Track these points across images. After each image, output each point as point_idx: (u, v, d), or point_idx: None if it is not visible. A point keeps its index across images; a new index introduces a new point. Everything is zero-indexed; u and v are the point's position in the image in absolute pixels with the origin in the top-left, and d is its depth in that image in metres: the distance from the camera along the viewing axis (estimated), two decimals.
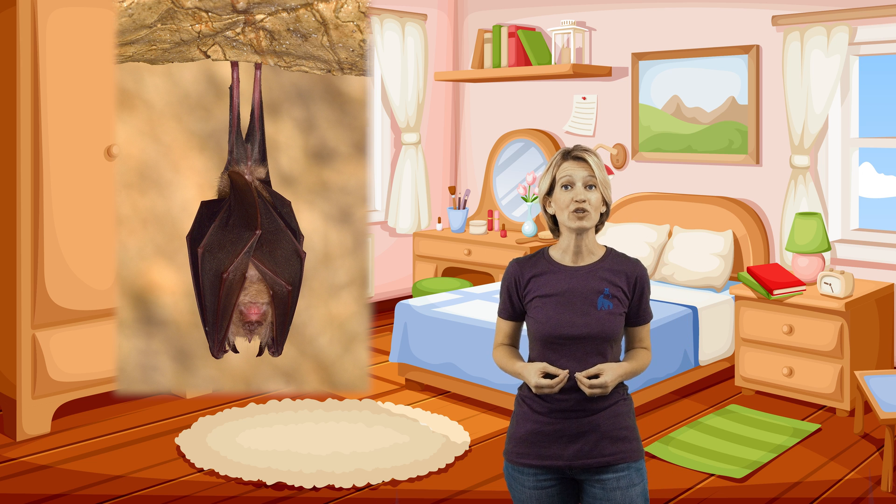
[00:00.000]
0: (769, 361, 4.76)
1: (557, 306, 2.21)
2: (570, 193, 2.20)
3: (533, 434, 2.22)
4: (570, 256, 2.26)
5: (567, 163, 2.23)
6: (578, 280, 2.23)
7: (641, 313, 2.28)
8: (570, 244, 2.26)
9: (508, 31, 6.51)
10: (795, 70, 5.19)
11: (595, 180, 2.21)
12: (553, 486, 2.22)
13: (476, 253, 6.30)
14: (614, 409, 2.21)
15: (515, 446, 2.24)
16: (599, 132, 6.37)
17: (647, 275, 2.28)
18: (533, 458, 2.21)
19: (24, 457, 4.02)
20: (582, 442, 2.18)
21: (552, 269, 2.26)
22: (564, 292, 2.22)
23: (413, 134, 6.91)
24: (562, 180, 2.21)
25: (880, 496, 3.59)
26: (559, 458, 2.19)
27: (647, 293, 2.28)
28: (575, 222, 2.20)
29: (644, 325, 2.30)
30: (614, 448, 2.19)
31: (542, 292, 2.23)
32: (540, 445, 2.21)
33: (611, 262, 2.26)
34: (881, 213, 5.22)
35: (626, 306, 2.24)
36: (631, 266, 2.26)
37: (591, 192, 2.20)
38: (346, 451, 4.01)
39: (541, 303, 2.22)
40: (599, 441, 2.19)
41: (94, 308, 4.37)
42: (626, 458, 2.19)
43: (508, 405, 4.51)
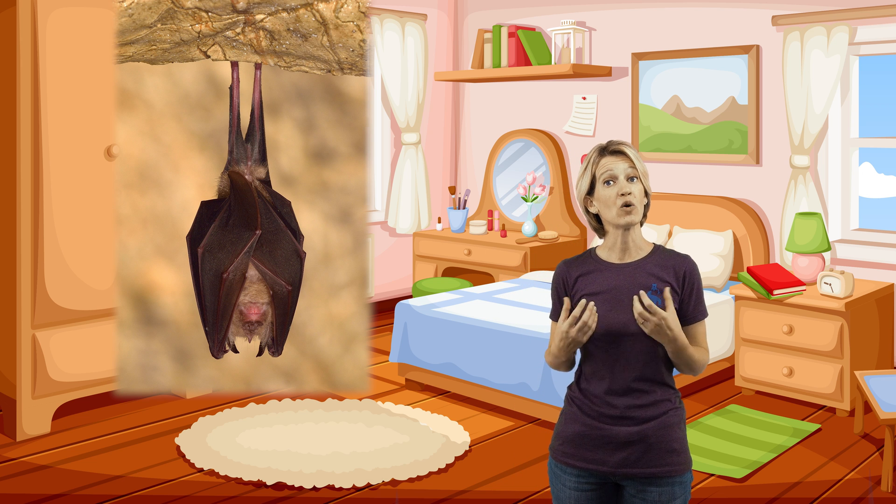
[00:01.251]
0: (769, 361, 4.76)
1: (604, 304, 2.16)
2: (614, 188, 2.15)
3: (579, 436, 2.18)
4: (617, 253, 2.21)
5: (605, 158, 2.18)
6: (625, 277, 2.18)
7: (693, 310, 2.19)
8: (616, 241, 2.21)
9: (508, 31, 6.51)
10: (795, 70, 5.19)
11: (636, 171, 2.16)
12: (594, 490, 2.18)
13: (476, 253, 6.30)
14: (664, 419, 2.15)
15: (562, 444, 2.21)
16: (599, 132, 6.37)
17: (698, 270, 2.21)
18: (577, 459, 2.17)
19: (24, 457, 4.02)
20: (629, 450, 2.13)
21: (599, 268, 2.21)
22: (611, 289, 2.17)
23: (413, 134, 6.91)
24: (603, 176, 2.16)
25: (880, 496, 3.59)
26: (604, 464, 2.15)
27: (698, 288, 2.19)
28: (623, 217, 2.15)
29: (698, 322, 2.21)
30: (662, 460, 2.13)
31: (589, 290, 2.19)
32: (585, 448, 2.17)
33: (658, 258, 2.20)
34: (881, 213, 5.22)
35: (677, 302, 2.17)
36: (679, 261, 2.20)
37: (633, 185, 2.16)
38: (346, 451, 4.01)
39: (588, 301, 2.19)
40: (647, 452, 2.13)
41: (94, 308, 4.37)
42: (673, 472, 2.14)
43: (508, 405, 4.51)
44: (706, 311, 2.24)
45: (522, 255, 6.03)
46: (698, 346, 2.23)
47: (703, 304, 2.22)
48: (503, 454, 4.06)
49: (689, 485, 2.18)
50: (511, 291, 5.33)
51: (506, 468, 3.90)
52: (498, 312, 4.76)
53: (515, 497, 3.62)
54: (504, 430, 4.36)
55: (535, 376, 4.33)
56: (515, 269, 6.07)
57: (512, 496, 3.62)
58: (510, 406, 4.51)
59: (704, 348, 2.23)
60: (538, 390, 4.31)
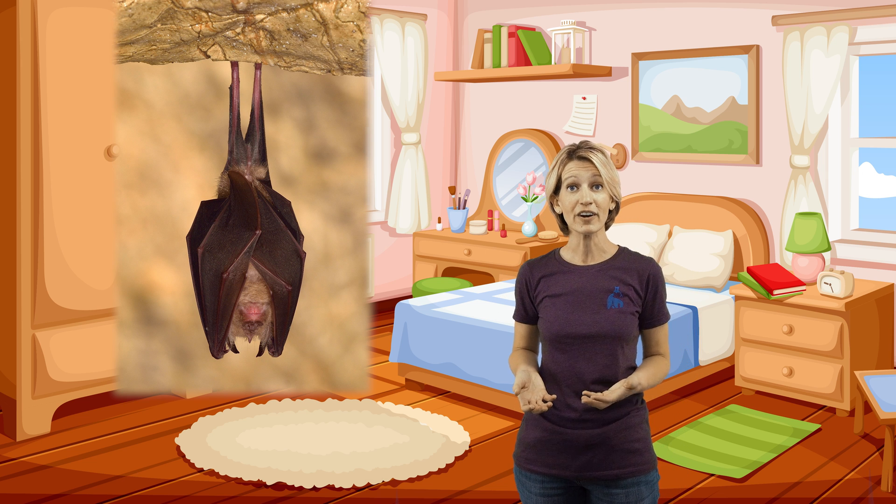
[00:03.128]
0: (769, 361, 4.76)
1: (566, 305, 2.14)
2: (575, 195, 2.13)
3: (541, 442, 2.16)
4: (581, 256, 2.20)
5: (572, 162, 2.14)
6: (588, 279, 2.16)
7: (656, 313, 2.18)
8: (579, 244, 2.19)
9: (508, 31, 6.51)
10: (795, 70, 5.19)
11: (601, 179, 2.12)
12: (560, 495, 2.17)
13: (476, 253, 6.30)
14: (626, 420, 2.13)
15: (524, 451, 2.19)
16: (599, 132, 6.37)
17: (662, 273, 2.19)
18: (540, 465, 2.16)
19: (24, 457, 4.02)
20: (591, 454, 2.11)
21: (562, 269, 2.20)
22: (573, 291, 2.15)
23: (413, 134, 6.91)
24: (567, 181, 2.14)
25: (880, 496, 3.59)
26: (567, 469, 2.13)
27: (661, 292, 2.18)
28: (581, 226, 2.13)
29: (660, 326, 2.20)
30: (624, 461, 2.11)
31: (552, 292, 2.18)
32: (547, 454, 2.15)
33: (622, 261, 2.19)
34: (881, 213, 5.22)
35: (640, 305, 2.16)
36: (644, 264, 2.18)
37: (597, 193, 2.12)
38: (346, 451, 4.01)
39: (550, 303, 2.16)
40: (609, 454, 2.11)
41: (94, 308, 4.37)
42: (637, 472, 2.12)
43: (508, 405, 4.51)
44: (668, 314, 2.22)
45: (522, 255, 6.03)
46: (658, 351, 2.21)
47: (665, 307, 2.20)
48: (503, 454, 4.06)
49: (657, 484, 2.16)
50: (511, 291, 5.33)
51: (506, 468, 3.90)
52: (498, 312, 4.76)
53: (515, 497, 3.62)
54: (504, 430, 4.36)
55: None
56: (515, 269, 6.07)
57: (512, 496, 3.62)
58: (510, 406, 4.51)
59: (664, 354, 2.21)
60: None
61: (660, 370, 2.17)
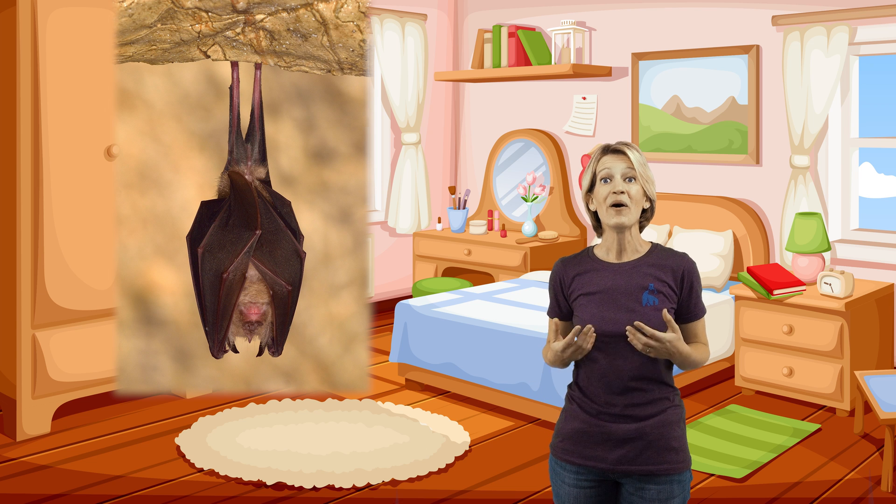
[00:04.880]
0: (769, 361, 4.76)
1: (601, 304, 2.15)
2: (608, 186, 2.14)
3: (578, 433, 2.17)
4: (614, 253, 2.20)
5: (606, 156, 2.17)
6: (622, 277, 2.17)
7: (692, 308, 2.19)
8: (612, 242, 2.20)
9: (508, 31, 6.51)
10: (795, 70, 5.19)
11: (634, 172, 2.14)
12: (592, 488, 2.18)
13: (476, 253, 6.30)
14: (663, 416, 2.14)
15: (561, 441, 2.20)
16: (599, 132, 6.37)
17: (696, 268, 2.19)
18: (576, 456, 2.17)
19: (24, 457, 4.02)
20: (627, 448, 2.13)
21: (596, 267, 2.20)
22: (608, 289, 2.16)
23: (413, 134, 6.91)
24: (601, 174, 2.15)
25: (880, 496, 3.59)
26: (602, 461, 2.15)
27: (697, 287, 2.18)
28: (613, 218, 2.14)
29: (697, 320, 2.21)
30: (660, 458, 2.13)
31: (586, 290, 2.18)
32: (584, 445, 2.16)
33: (656, 257, 2.19)
34: (881, 213, 5.22)
35: (675, 302, 2.17)
36: (677, 260, 2.18)
37: (630, 185, 2.14)
38: (346, 451, 4.01)
39: (585, 301, 2.17)
40: (646, 449, 2.12)
41: (94, 308, 4.37)
42: (671, 471, 2.13)
43: (508, 405, 4.51)
44: (705, 308, 2.24)
45: (522, 255, 6.03)
46: (698, 342, 2.23)
47: (701, 302, 2.22)
48: (503, 454, 4.06)
49: (688, 484, 2.17)
50: (511, 291, 5.33)
51: (506, 468, 3.90)
52: (498, 312, 4.76)
53: (515, 497, 3.62)
54: (504, 430, 4.36)
55: (534, 376, 4.33)
56: (515, 269, 6.07)
57: (512, 496, 3.62)
58: (510, 406, 4.51)
59: (704, 343, 2.23)
60: (538, 390, 4.31)
61: (698, 352, 2.18)
